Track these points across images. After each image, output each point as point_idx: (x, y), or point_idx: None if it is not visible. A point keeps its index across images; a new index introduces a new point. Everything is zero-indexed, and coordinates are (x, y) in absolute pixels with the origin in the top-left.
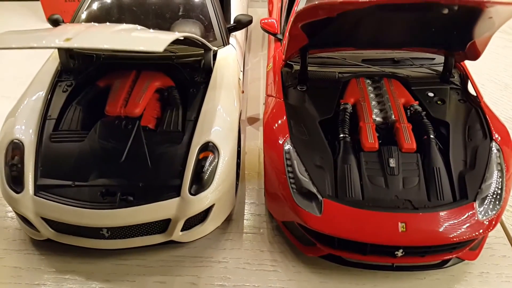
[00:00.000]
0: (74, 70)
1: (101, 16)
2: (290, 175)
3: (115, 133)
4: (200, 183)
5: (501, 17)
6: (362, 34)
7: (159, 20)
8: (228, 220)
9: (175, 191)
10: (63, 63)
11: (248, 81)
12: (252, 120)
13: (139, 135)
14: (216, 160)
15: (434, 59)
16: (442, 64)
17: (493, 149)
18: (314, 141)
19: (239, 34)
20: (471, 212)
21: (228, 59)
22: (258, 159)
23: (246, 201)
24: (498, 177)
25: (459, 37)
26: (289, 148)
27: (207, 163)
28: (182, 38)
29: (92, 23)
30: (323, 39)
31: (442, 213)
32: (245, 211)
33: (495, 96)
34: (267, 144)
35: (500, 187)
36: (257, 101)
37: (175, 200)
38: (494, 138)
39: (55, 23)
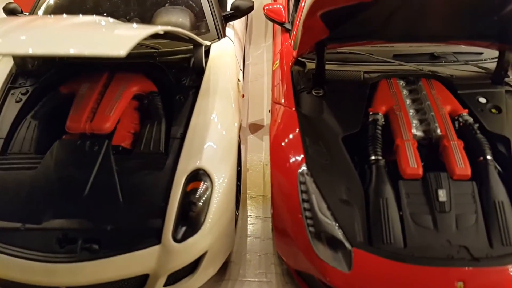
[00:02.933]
0: (31, 73)
1: (70, 5)
2: (307, 213)
3: (77, 157)
4: (188, 225)
5: None
6: (395, 23)
7: (140, 7)
8: (226, 262)
9: (155, 237)
10: (18, 64)
11: (249, 79)
12: (254, 128)
13: (107, 160)
14: (209, 193)
15: (482, 53)
16: (493, 61)
17: None
18: (338, 166)
19: (237, 24)
20: None
21: (224, 55)
22: (263, 178)
23: (248, 234)
24: None
25: None
26: (305, 177)
27: (197, 197)
28: (162, 32)
29: (39, 15)
30: (346, 31)
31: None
32: (247, 249)
33: None
34: (275, 167)
35: None
36: (260, 103)
37: (155, 249)
38: None
39: (11, 13)
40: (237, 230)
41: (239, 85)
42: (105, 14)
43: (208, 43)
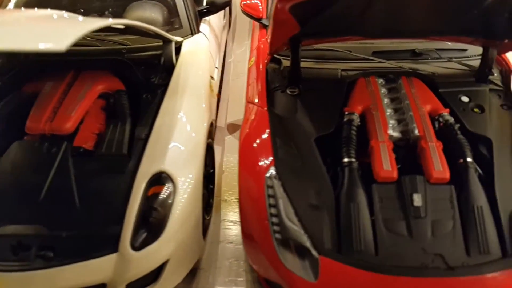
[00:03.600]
0: None
1: (41, 2)
2: (274, 219)
3: (34, 160)
4: (147, 231)
5: None
6: (373, 18)
7: (113, 2)
8: (194, 270)
9: (112, 244)
10: None
11: (230, 78)
12: (233, 128)
13: (65, 162)
14: (171, 197)
15: (466, 50)
16: (477, 58)
17: None
18: (309, 169)
19: (215, 19)
20: None
21: (197, 52)
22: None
23: (220, 240)
24: None
25: (508, 22)
26: (273, 181)
27: (158, 202)
28: (122, 27)
29: None
30: (320, 26)
31: (489, 276)
32: (219, 255)
33: None
34: (243, 170)
35: None
36: (240, 102)
37: (112, 257)
38: None
39: None
40: (209, 235)
41: (213, 83)
42: (81, 10)
43: (179, 39)
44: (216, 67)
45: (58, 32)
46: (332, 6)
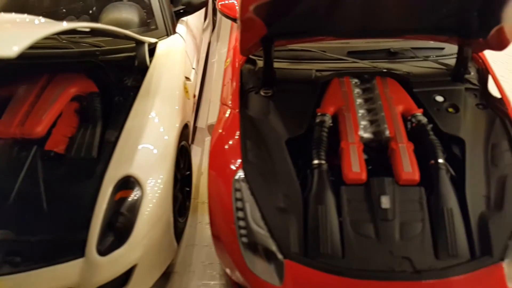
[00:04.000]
0: None
1: (16, 6)
2: (241, 223)
3: (3, 164)
4: (114, 236)
5: None
6: (344, 18)
7: (89, 4)
8: (168, 273)
9: (79, 249)
10: None
11: (213, 78)
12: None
13: (34, 166)
14: (138, 202)
15: (443, 49)
16: (454, 56)
17: None
18: (278, 172)
19: (193, 20)
20: (497, 277)
21: (172, 53)
22: None
23: (196, 243)
24: None
25: (480, 20)
26: (241, 184)
27: (125, 207)
28: (88, 29)
29: None
30: (291, 27)
31: (455, 279)
32: (193, 258)
33: None
34: (213, 173)
35: None
36: None
37: (78, 262)
38: None
39: None
40: (185, 238)
41: (189, 84)
42: (63, 12)
43: (152, 40)
44: (193, 68)
45: (10, 37)
46: (296, 6)
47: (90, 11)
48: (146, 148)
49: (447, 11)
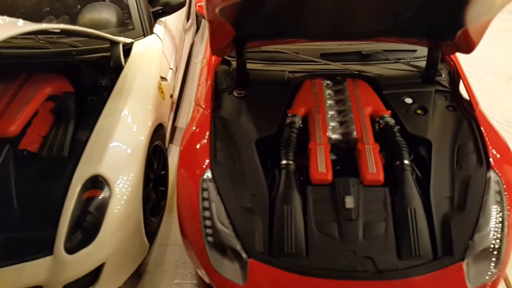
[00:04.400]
0: None
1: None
2: (207, 222)
3: None
4: (81, 235)
5: None
6: (315, 21)
7: (68, 4)
8: (140, 272)
9: (47, 247)
10: None
11: (195, 78)
12: None
13: (6, 165)
14: (106, 201)
15: (415, 51)
16: (426, 58)
17: (491, 181)
18: (246, 172)
19: (172, 20)
20: (457, 276)
21: (148, 53)
22: None
23: (169, 242)
24: (497, 222)
25: (446, 22)
26: (208, 184)
27: (93, 206)
28: (57, 30)
29: None
30: (262, 28)
31: (417, 279)
32: (166, 257)
33: (495, 93)
34: (181, 172)
35: (499, 238)
36: None
37: (46, 260)
38: (492, 164)
39: None
40: (158, 238)
41: (165, 84)
42: (43, 12)
43: (128, 40)
44: (171, 68)
45: None
46: (264, 9)
47: (70, 12)
48: (116, 148)
49: (413, 14)
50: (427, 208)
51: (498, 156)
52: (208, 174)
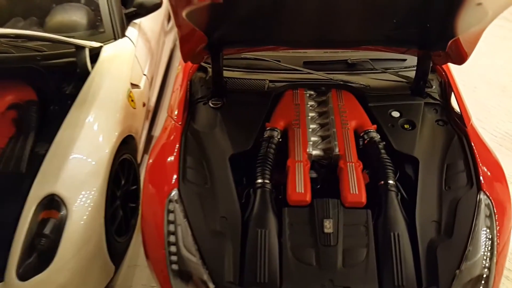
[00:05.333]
0: None
1: None
2: (172, 248)
3: None
4: (36, 259)
5: (496, 4)
6: (297, 27)
7: (37, 5)
8: None
9: None
10: None
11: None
12: None
13: None
14: (63, 223)
15: (404, 60)
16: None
17: (481, 204)
18: (218, 191)
19: (148, 22)
20: None
21: (118, 58)
22: None
23: (139, 263)
24: (487, 250)
25: (436, 31)
26: (174, 205)
27: (49, 228)
28: (12, 35)
29: None
30: (239, 35)
31: None
32: (134, 280)
33: (490, 103)
34: (146, 191)
35: (488, 267)
36: None
37: None
38: (483, 185)
39: None
40: (127, 259)
41: (136, 92)
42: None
43: (95, 44)
44: (145, 74)
45: None
46: (236, 14)
47: (39, 13)
48: (75, 162)
49: (402, 22)
50: (412, 233)
51: (490, 176)
52: (175, 194)
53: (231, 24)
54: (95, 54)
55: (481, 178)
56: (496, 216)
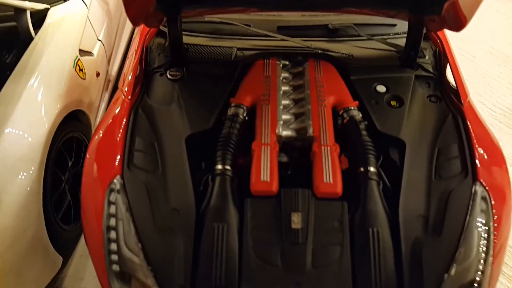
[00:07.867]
0: None
1: None
2: (112, 246)
3: None
4: None
5: None
6: None
7: None
8: None
9: None
10: None
11: None
12: None
13: None
14: None
15: (394, 26)
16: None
17: (476, 197)
18: (170, 179)
19: None
20: None
21: (66, 22)
22: None
23: None
24: (481, 251)
25: None
26: (116, 195)
27: None
28: None
29: None
30: None
31: None
32: (87, 270)
33: (490, 75)
34: (86, 178)
35: (481, 271)
36: None
37: None
38: (479, 175)
39: None
40: (80, 247)
41: (88, 60)
42: None
43: (39, 6)
44: (100, 40)
45: None
46: None
47: None
48: (8, 142)
49: None
50: (394, 230)
51: (488, 163)
52: (117, 182)
53: None
54: (41, 17)
55: (477, 165)
56: (494, 211)
